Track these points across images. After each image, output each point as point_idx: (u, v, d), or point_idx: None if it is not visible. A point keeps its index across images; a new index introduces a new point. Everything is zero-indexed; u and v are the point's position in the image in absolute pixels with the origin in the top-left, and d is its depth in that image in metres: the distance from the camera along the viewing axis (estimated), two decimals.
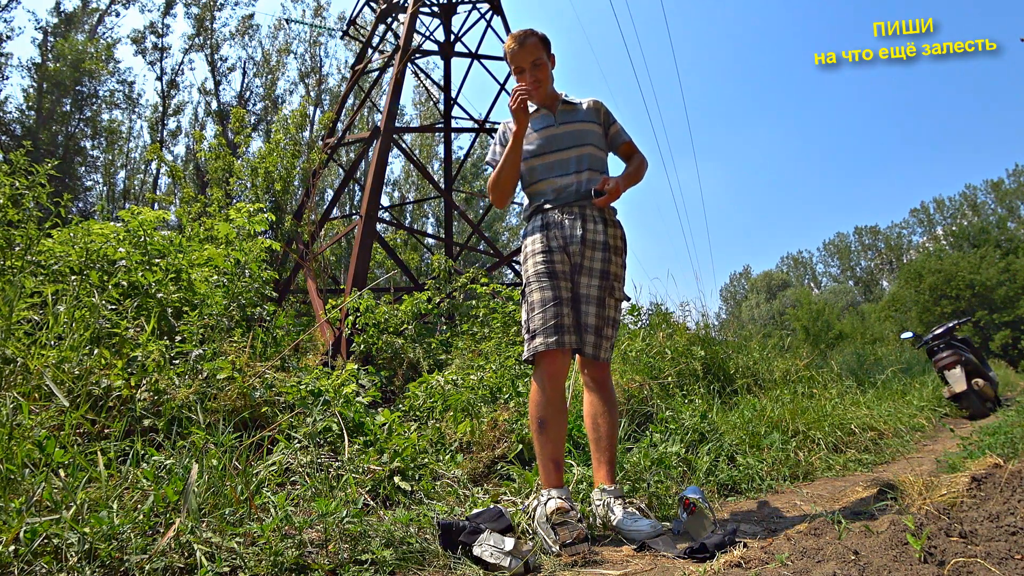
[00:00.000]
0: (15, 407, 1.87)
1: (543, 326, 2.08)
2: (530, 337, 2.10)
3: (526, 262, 2.20)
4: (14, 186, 3.29)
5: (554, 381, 2.09)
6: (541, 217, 2.24)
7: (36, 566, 1.34)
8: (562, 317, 2.10)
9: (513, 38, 2.28)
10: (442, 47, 11.61)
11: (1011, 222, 42.58)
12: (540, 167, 2.29)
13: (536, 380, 2.10)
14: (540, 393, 2.08)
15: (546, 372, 2.09)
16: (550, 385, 2.08)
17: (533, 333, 2.09)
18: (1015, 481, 1.78)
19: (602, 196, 2.18)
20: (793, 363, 5.59)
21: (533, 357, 2.10)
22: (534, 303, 2.12)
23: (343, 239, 13.97)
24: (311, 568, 1.52)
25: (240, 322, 3.46)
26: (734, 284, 65.66)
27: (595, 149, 2.33)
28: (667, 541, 1.94)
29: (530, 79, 2.27)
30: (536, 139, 2.32)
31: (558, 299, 2.11)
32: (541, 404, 2.07)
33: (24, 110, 21.39)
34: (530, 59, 2.27)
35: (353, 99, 13.62)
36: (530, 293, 2.14)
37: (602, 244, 2.21)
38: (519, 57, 2.27)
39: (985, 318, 30.93)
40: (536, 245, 2.20)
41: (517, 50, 2.27)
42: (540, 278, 2.14)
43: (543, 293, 2.12)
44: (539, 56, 2.28)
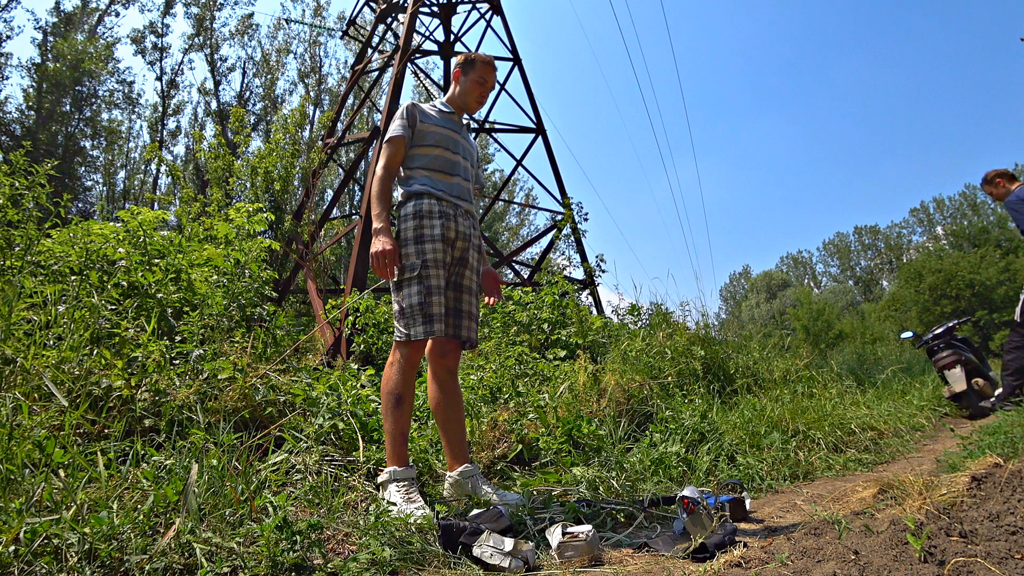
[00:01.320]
0: (15, 407, 1.87)
1: (437, 313, 2.27)
2: (425, 321, 2.24)
3: (422, 243, 2.33)
4: (14, 186, 3.29)
5: (417, 363, 2.32)
6: (439, 205, 2.41)
7: (36, 566, 1.34)
8: (444, 307, 2.33)
9: (492, 59, 2.68)
10: (442, 47, 11.61)
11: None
12: (443, 160, 2.50)
13: (404, 359, 2.27)
14: (404, 372, 2.26)
15: (416, 355, 2.30)
16: (412, 365, 2.29)
17: (428, 318, 2.25)
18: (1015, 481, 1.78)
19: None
20: (793, 363, 5.59)
21: (408, 338, 2.26)
22: (431, 288, 2.29)
23: (343, 239, 13.96)
24: (311, 568, 1.52)
25: (240, 322, 3.46)
26: (734, 284, 65.72)
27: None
28: (667, 541, 1.94)
29: (485, 93, 2.65)
30: (444, 133, 2.54)
31: (442, 289, 2.33)
32: (400, 382, 2.25)
33: (24, 110, 21.40)
34: (492, 82, 2.67)
35: (353, 99, 13.62)
36: (426, 278, 2.29)
37: (478, 246, 2.55)
38: (489, 74, 2.66)
39: (985, 318, 30.95)
40: (436, 231, 2.35)
41: (491, 69, 2.68)
42: (437, 266, 2.33)
43: (438, 281, 2.31)
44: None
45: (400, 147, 2.45)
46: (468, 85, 2.62)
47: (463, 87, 2.63)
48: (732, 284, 65.68)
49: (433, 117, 2.54)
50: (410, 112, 2.50)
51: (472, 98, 2.62)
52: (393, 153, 2.44)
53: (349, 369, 3.29)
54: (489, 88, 2.65)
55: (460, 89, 2.63)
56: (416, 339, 2.25)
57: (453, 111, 2.62)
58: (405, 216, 2.40)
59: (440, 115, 2.57)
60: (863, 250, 59.72)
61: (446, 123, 2.57)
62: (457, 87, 2.64)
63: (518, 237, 30.22)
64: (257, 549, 1.53)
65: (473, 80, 2.61)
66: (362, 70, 10.72)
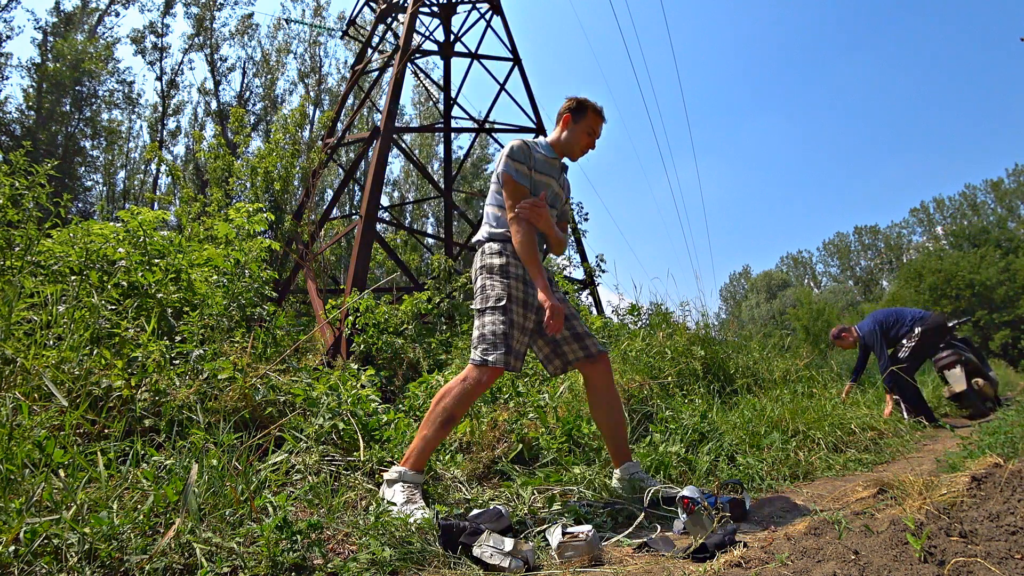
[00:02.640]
0: (15, 407, 1.87)
1: (516, 349, 2.34)
2: (506, 351, 2.29)
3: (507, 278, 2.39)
4: (14, 186, 3.29)
5: (486, 388, 2.33)
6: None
7: (36, 566, 1.34)
8: (523, 347, 2.40)
9: (602, 115, 2.62)
10: (442, 47, 11.61)
11: (1011, 222, 42.59)
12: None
13: (475, 382, 2.27)
14: (469, 395, 2.27)
15: (490, 381, 2.30)
16: (480, 389, 2.29)
17: (508, 349, 2.30)
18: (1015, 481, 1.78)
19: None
20: (793, 363, 5.59)
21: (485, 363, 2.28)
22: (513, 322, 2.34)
23: (343, 239, 13.97)
24: (311, 568, 1.52)
25: (240, 322, 3.46)
26: (734, 284, 65.71)
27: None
28: (667, 541, 1.95)
29: (591, 144, 2.62)
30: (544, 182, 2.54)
31: (525, 329, 2.40)
32: (461, 404, 2.26)
33: (24, 110, 21.40)
34: (599, 135, 2.64)
35: (353, 99, 13.62)
36: (510, 311, 2.35)
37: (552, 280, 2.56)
38: (600, 126, 2.62)
39: (985, 318, 30.95)
40: (520, 271, 2.42)
41: (602, 121, 2.63)
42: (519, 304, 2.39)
43: (521, 319, 2.38)
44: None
45: (522, 195, 2.43)
46: (576, 134, 2.57)
47: (571, 134, 2.58)
48: (732, 284, 65.69)
49: (541, 164, 2.53)
50: (527, 157, 2.49)
51: (578, 148, 2.59)
52: (514, 192, 2.43)
53: (349, 369, 3.29)
54: (596, 138, 2.62)
55: (567, 136, 2.58)
56: (495, 365, 2.26)
57: (556, 157, 2.59)
58: (492, 252, 2.44)
59: (545, 161, 2.55)
60: (863, 250, 59.74)
61: (549, 171, 2.56)
62: (564, 132, 2.59)
63: None
64: (257, 549, 1.53)
65: (582, 130, 2.57)
66: (362, 70, 10.72)
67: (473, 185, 27.57)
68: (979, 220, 45.42)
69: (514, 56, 10.91)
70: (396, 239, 18.82)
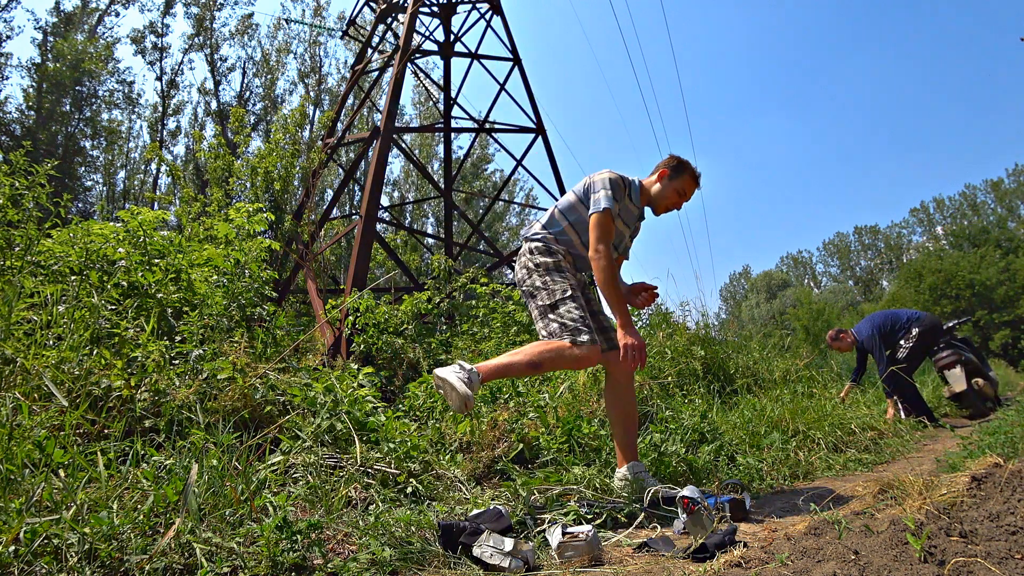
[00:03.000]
0: (15, 407, 1.87)
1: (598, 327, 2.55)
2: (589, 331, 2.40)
3: (563, 271, 2.50)
4: (14, 186, 3.29)
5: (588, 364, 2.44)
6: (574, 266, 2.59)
7: (36, 566, 1.34)
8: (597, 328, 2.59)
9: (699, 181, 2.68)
10: (442, 47, 11.61)
11: (1011, 222, 42.59)
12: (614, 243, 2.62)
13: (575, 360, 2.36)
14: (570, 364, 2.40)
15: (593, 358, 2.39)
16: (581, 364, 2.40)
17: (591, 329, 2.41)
18: (1015, 480, 1.78)
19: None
20: (793, 363, 5.59)
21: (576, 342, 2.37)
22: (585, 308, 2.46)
23: (343, 239, 13.97)
24: (311, 568, 1.52)
25: (240, 322, 3.46)
26: (734, 284, 65.69)
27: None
28: (667, 541, 1.94)
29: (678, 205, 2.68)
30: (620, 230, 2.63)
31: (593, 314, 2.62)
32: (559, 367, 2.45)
33: (24, 110, 21.40)
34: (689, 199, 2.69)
35: (353, 99, 13.62)
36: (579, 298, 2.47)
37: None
38: (692, 190, 2.68)
39: (985, 318, 30.95)
40: (571, 266, 2.56)
41: (695, 186, 2.68)
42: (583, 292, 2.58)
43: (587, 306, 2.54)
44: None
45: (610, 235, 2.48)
46: (668, 191, 2.61)
47: (663, 190, 2.62)
48: (732, 284, 65.67)
49: (624, 211, 2.59)
50: (622, 197, 2.54)
51: (664, 204, 2.64)
52: (609, 231, 2.47)
53: (349, 369, 3.29)
54: (685, 201, 2.66)
55: (659, 190, 2.62)
56: (590, 345, 2.34)
57: (640, 207, 2.65)
58: (542, 251, 2.54)
59: (629, 210, 2.61)
60: (863, 250, 59.73)
61: (627, 219, 2.62)
62: (658, 185, 2.62)
63: (518, 237, 30.19)
64: (257, 549, 1.53)
65: (675, 189, 2.61)
66: (362, 70, 10.72)
67: (473, 185, 27.57)
68: (979, 220, 45.42)
69: (514, 56, 10.91)
70: (396, 239, 18.81)
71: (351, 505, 2.08)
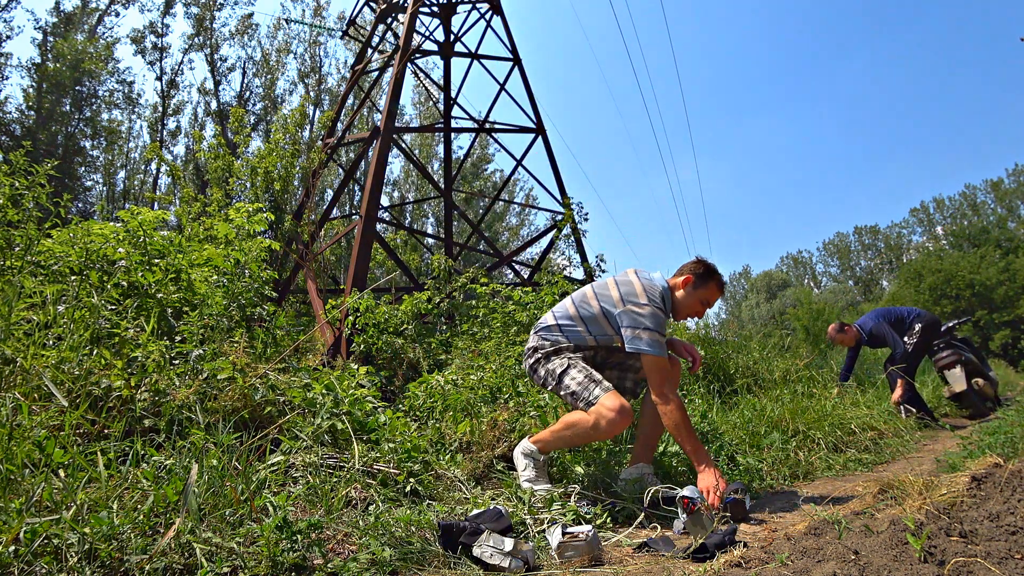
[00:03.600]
0: (15, 407, 1.87)
1: (599, 378, 2.52)
2: (596, 383, 2.46)
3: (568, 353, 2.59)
4: (14, 186, 3.29)
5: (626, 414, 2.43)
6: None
7: (36, 566, 1.34)
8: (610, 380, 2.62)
9: (725, 284, 2.67)
10: (442, 47, 11.61)
11: (1011, 222, 42.57)
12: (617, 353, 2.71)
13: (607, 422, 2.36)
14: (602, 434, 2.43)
15: (615, 415, 2.38)
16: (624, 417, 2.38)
17: (597, 381, 2.46)
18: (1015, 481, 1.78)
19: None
20: (793, 363, 5.59)
21: (593, 401, 2.43)
22: (587, 368, 2.54)
23: (343, 239, 13.97)
24: (311, 568, 1.52)
25: (240, 322, 3.46)
26: (734, 284, 65.64)
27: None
28: (667, 541, 1.94)
29: (701, 313, 2.65)
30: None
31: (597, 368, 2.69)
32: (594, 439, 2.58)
33: (24, 110, 21.37)
34: (712, 307, 2.68)
35: (353, 99, 13.61)
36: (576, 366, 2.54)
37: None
38: (716, 299, 2.64)
39: (985, 318, 30.93)
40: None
41: (720, 295, 2.65)
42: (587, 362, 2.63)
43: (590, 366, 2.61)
44: None
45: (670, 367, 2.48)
46: (692, 300, 2.57)
47: (687, 298, 2.57)
48: (732, 284, 65.59)
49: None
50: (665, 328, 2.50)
51: (687, 312, 2.60)
52: (672, 376, 2.48)
53: (349, 369, 3.29)
54: (708, 308, 2.63)
55: (683, 297, 2.57)
56: (607, 391, 2.37)
57: (668, 319, 2.59)
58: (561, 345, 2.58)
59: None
60: (863, 250, 59.70)
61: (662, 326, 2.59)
62: (682, 291, 2.57)
63: (518, 237, 30.20)
64: (257, 549, 1.53)
65: (699, 298, 2.57)
66: (362, 70, 10.72)
67: (473, 185, 27.56)
68: (979, 220, 45.39)
69: (514, 56, 10.91)
70: (396, 239, 18.82)
71: (351, 505, 2.08)
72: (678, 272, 2.63)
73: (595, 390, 2.38)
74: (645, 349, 2.38)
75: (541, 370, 2.56)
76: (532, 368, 2.62)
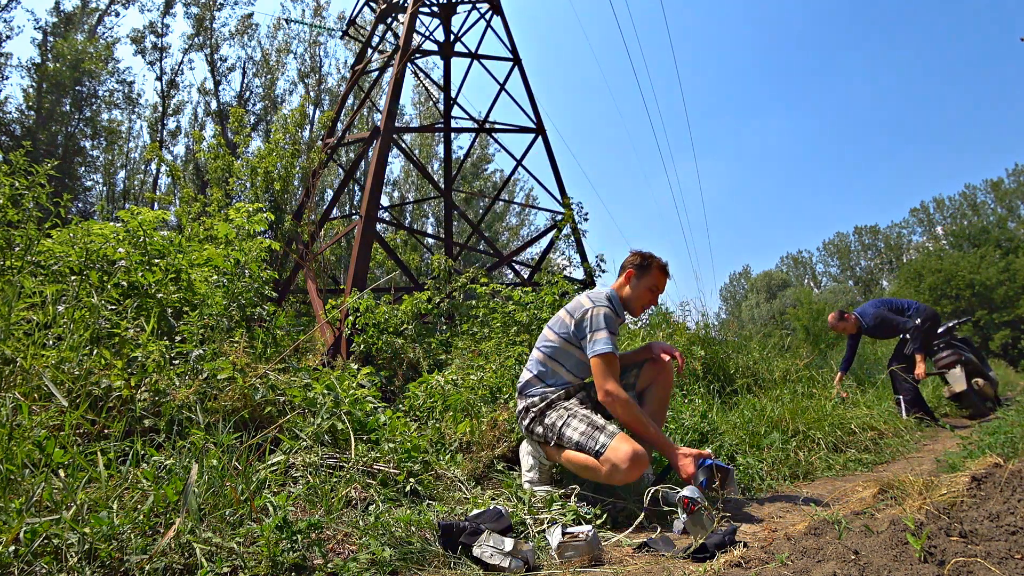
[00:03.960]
0: (15, 407, 1.87)
1: (601, 424, 2.42)
2: (600, 429, 2.37)
3: (560, 405, 2.52)
4: (14, 186, 3.29)
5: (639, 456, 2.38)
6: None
7: (36, 566, 1.34)
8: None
9: (667, 266, 2.63)
10: (442, 47, 11.61)
11: (1011, 222, 42.57)
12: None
13: (619, 464, 2.28)
14: (620, 478, 2.33)
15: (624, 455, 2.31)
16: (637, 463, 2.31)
17: (600, 428, 2.37)
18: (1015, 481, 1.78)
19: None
20: (793, 363, 5.59)
21: (606, 446, 2.35)
22: (584, 413, 2.47)
23: (343, 239, 13.97)
24: (311, 568, 1.52)
25: (240, 322, 3.46)
26: (734, 284, 65.66)
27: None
28: (667, 541, 1.94)
29: (655, 300, 2.63)
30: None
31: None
32: (614, 481, 2.41)
33: (24, 110, 21.37)
34: (663, 291, 2.63)
35: (353, 99, 13.62)
36: (577, 409, 2.49)
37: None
38: (663, 283, 2.62)
39: (985, 318, 30.94)
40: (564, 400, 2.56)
41: (666, 278, 2.62)
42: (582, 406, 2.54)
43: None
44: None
45: (617, 362, 2.45)
46: (640, 291, 2.56)
47: (634, 291, 2.56)
48: (732, 284, 65.64)
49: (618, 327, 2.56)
50: (617, 324, 2.50)
51: (639, 305, 2.58)
52: (616, 369, 2.44)
53: (349, 369, 3.29)
54: (659, 295, 2.60)
55: (631, 293, 2.57)
56: (612, 436, 2.29)
57: (621, 319, 2.59)
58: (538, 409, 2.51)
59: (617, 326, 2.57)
60: (863, 250, 59.68)
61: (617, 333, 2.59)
62: (628, 287, 2.57)
63: (518, 237, 30.21)
64: (257, 549, 1.53)
65: (646, 287, 2.56)
66: (362, 70, 10.72)
67: (473, 185, 27.56)
68: (979, 220, 45.39)
69: (514, 56, 10.91)
70: (396, 239, 18.82)
71: (351, 505, 2.08)
72: (619, 273, 2.65)
73: (600, 438, 2.30)
74: (600, 350, 2.40)
75: (539, 428, 2.48)
76: (529, 429, 2.54)
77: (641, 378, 2.65)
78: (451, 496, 2.40)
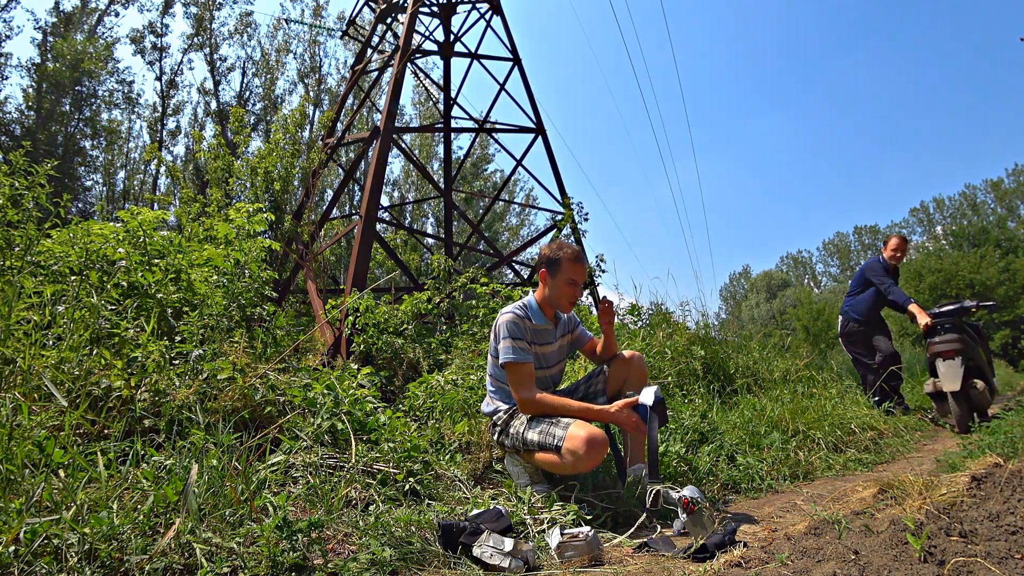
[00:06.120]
0: (15, 407, 1.87)
1: (564, 422, 2.44)
2: (562, 426, 2.38)
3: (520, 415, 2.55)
4: (14, 186, 3.29)
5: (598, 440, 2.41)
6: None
7: (36, 566, 1.34)
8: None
9: (577, 253, 2.55)
10: (442, 47, 11.60)
11: (1011, 222, 42.59)
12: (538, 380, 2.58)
13: (571, 455, 2.32)
14: (573, 468, 2.36)
15: (582, 444, 2.33)
16: (596, 447, 2.33)
17: (559, 420, 2.41)
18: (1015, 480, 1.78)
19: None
20: (793, 363, 5.58)
21: (560, 442, 2.38)
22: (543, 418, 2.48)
23: (343, 239, 13.97)
24: (311, 568, 1.52)
25: (240, 322, 3.45)
26: (734, 284, 65.68)
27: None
28: (667, 541, 1.94)
29: (578, 291, 2.55)
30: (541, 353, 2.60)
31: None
32: (562, 471, 2.46)
33: (24, 110, 21.36)
34: (584, 277, 2.56)
35: (353, 99, 13.61)
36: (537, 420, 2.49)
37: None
38: (579, 272, 2.53)
39: (985, 318, 30.92)
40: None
41: (580, 266, 2.53)
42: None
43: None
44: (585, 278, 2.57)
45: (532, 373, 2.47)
46: (558, 288, 2.54)
47: (553, 291, 2.55)
48: (732, 284, 65.64)
49: (536, 335, 2.56)
50: (523, 332, 2.49)
51: (564, 300, 2.56)
52: (529, 379, 2.44)
53: (349, 369, 3.29)
54: (581, 283, 2.57)
55: (551, 293, 2.56)
56: (565, 428, 2.31)
57: (548, 323, 2.60)
58: (513, 408, 2.54)
59: (540, 331, 2.57)
60: (863, 250, 59.68)
61: (546, 339, 2.59)
62: (546, 290, 2.56)
63: (518, 237, 30.21)
64: (257, 549, 1.53)
65: (562, 282, 2.53)
66: (362, 70, 10.71)
67: (473, 185, 27.55)
68: (979, 220, 45.39)
69: (514, 56, 10.90)
70: (396, 239, 18.81)
71: (351, 505, 2.08)
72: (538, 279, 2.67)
73: (557, 432, 2.33)
74: (503, 359, 2.43)
75: (507, 440, 2.54)
76: (499, 442, 2.60)
77: (610, 382, 2.65)
78: (451, 496, 2.40)
